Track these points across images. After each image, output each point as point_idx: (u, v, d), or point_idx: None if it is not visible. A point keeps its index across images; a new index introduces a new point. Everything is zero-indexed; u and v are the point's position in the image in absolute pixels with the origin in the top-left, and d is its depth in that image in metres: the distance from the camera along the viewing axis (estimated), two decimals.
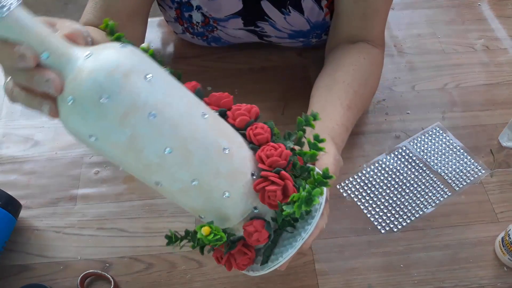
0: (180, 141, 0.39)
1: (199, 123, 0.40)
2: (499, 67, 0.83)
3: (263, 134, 0.45)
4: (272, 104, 0.78)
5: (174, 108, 0.39)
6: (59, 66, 0.36)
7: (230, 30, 0.77)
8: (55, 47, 0.36)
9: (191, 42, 0.84)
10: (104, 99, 0.35)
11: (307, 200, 0.41)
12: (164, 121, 0.38)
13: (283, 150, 0.44)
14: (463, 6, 0.94)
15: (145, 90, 0.37)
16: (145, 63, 0.38)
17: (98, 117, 0.36)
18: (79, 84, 0.36)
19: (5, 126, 0.77)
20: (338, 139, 0.59)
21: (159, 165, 0.40)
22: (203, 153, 0.41)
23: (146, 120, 0.37)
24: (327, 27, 0.76)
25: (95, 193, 0.69)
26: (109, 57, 0.36)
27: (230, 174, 0.43)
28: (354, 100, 0.64)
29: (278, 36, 0.78)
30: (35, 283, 0.60)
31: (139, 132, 0.37)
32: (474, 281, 0.60)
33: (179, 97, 0.40)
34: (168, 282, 0.61)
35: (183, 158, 0.40)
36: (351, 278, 0.61)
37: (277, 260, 0.46)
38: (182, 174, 0.41)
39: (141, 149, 0.38)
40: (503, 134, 0.73)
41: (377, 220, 0.65)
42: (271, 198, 0.43)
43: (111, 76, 0.35)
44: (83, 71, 0.36)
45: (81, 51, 0.37)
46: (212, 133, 0.42)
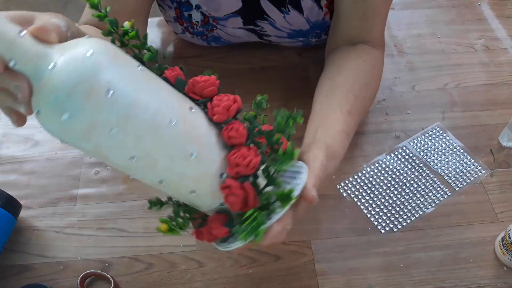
0: (144, 151, 0.40)
1: (165, 133, 0.41)
2: (499, 67, 0.83)
3: (237, 138, 0.44)
4: (272, 104, 0.78)
5: (138, 121, 0.39)
6: (27, 73, 0.37)
7: (230, 29, 0.77)
8: (20, 54, 0.36)
9: (191, 42, 0.84)
10: (65, 117, 0.36)
11: (253, 229, 0.43)
12: (127, 135, 0.39)
13: (252, 159, 0.43)
14: (463, 6, 0.94)
15: (106, 107, 0.37)
16: (110, 75, 0.37)
17: (61, 130, 0.38)
18: (43, 99, 0.37)
19: (5, 126, 0.77)
20: (338, 147, 0.59)
21: (125, 167, 0.41)
22: (168, 160, 0.42)
23: (108, 135, 0.38)
24: (326, 26, 0.76)
25: (95, 193, 0.69)
26: (71, 73, 0.36)
27: (197, 177, 0.44)
28: (355, 105, 0.64)
29: (277, 35, 0.78)
30: (35, 283, 0.60)
31: (102, 144, 0.39)
32: (474, 281, 0.60)
33: (144, 107, 0.39)
34: (168, 282, 0.61)
35: (148, 165, 0.41)
36: (351, 278, 0.61)
37: (228, 246, 0.47)
38: (149, 176, 0.43)
39: (107, 156, 0.40)
40: (503, 134, 0.73)
41: (377, 220, 0.65)
42: (232, 206, 0.44)
43: (71, 96, 0.36)
44: (47, 85, 0.36)
45: (47, 58, 0.37)
46: (179, 140, 0.42)
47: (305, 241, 0.64)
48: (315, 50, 0.83)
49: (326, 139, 0.57)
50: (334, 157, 0.58)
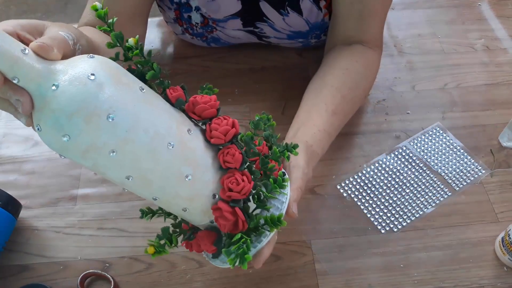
0: (140, 172, 0.41)
1: (162, 156, 0.42)
2: (499, 67, 0.83)
3: (231, 163, 0.45)
4: (272, 104, 0.78)
5: (136, 145, 0.40)
6: (29, 90, 0.37)
7: (229, 31, 0.78)
8: (24, 72, 0.36)
9: (191, 42, 0.84)
10: (65, 139, 0.37)
11: (240, 258, 0.44)
12: (124, 157, 0.39)
13: (245, 185, 0.45)
14: (463, 6, 0.94)
15: (106, 131, 0.38)
16: (111, 99, 0.38)
17: (60, 149, 0.38)
18: (44, 118, 0.37)
19: (5, 126, 0.77)
20: (317, 146, 0.60)
21: (122, 183, 0.42)
22: (163, 181, 0.43)
23: (106, 157, 0.39)
24: (326, 27, 0.76)
25: (95, 193, 0.69)
26: (73, 96, 0.36)
27: (190, 196, 0.45)
28: (341, 105, 0.65)
29: (277, 36, 0.78)
30: (35, 283, 0.60)
31: (100, 164, 0.40)
32: (474, 281, 0.60)
33: (143, 131, 0.40)
34: (168, 282, 0.61)
35: (143, 184, 0.43)
36: (351, 278, 0.61)
37: (222, 263, 0.50)
38: (143, 193, 0.44)
39: (104, 173, 0.41)
40: (503, 134, 0.73)
41: (377, 220, 0.65)
42: (221, 227, 0.46)
43: (72, 120, 0.36)
44: (48, 106, 0.37)
45: (50, 78, 0.37)
46: (175, 163, 0.43)
47: (305, 241, 0.64)
48: (315, 50, 0.83)
49: (307, 139, 0.58)
50: (313, 157, 0.59)
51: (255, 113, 0.77)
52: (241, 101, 0.79)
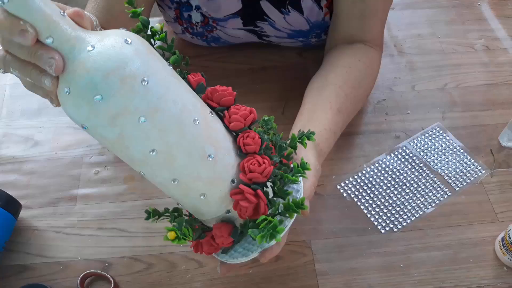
0: (166, 146, 0.41)
1: (188, 130, 0.41)
2: (499, 67, 0.83)
3: (252, 146, 0.45)
4: (272, 104, 0.78)
5: (166, 114, 0.39)
6: (62, 51, 0.37)
7: (230, 30, 0.77)
8: (60, 33, 0.36)
9: (191, 42, 0.84)
10: (97, 98, 0.36)
11: (271, 235, 0.43)
12: (153, 126, 0.39)
13: (266, 167, 0.45)
14: (463, 6, 0.94)
15: (139, 95, 0.37)
16: (146, 64, 0.38)
17: (90, 113, 0.37)
18: (77, 79, 0.36)
19: (5, 126, 0.77)
20: (324, 145, 0.60)
21: (142, 161, 0.41)
22: (187, 158, 0.42)
23: (136, 123, 0.38)
24: (326, 27, 0.76)
25: (95, 193, 0.69)
26: (110, 56, 0.36)
27: (210, 179, 0.45)
28: (344, 104, 0.64)
29: (277, 36, 0.78)
30: (35, 283, 0.60)
31: (127, 133, 0.39)
32: (474, 281, 0.60)
33: (173, 102, 0.40)
34: (168, 282, 0.61)
35: (166, 160, 0.41)
36: (351, 278, 0.60)
37: (231, 259, 0.49)
38: (164, 173, 0.43)
39: (127, 146, 0.40)
40: (503, 134, 0.72)
41: (377, 220, 0.65)
42: (242, 211, 0.45)
43: (108, 79, 0.36)
44: (83, 66, 0.36)
45: (85, 41, 0.37)
46: (199, 139, 0.43)
47: (305, 241, 0.64)
48: (315, 50, 0.83)
49: (315, 137, 0.57)
50: (321, 155, 0.59)
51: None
52: (241, 101, 0.78)
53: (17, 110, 0.79)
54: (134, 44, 0.38)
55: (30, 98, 0.80)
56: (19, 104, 0.80)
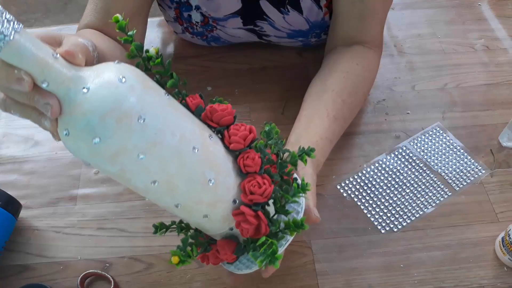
0: (166, 176, 0.41)
1: (188, 159, 0.42)
2: (499, 67, 0.83)
3: (252, 167, 0.46)
4: (272, 104, 0.78)
5: (164, 147, 0.40)
6: (58, 94, 0.37)
7: (230, 30, 0.78)
8: (54, 76, 0.36)
9: (191, 42, 0.84)
10: (96, 141, 0.37)
11: (270, 260, 0.44)
12: (152, 160, 0.40)
13: (266, 188, 0.45)
14: (463, 6, 0.94)
15: (136, 133, 0.38)
16: (142, 101, 0.38)
17: (90, 153, 0.38)
18: (74, 122, 0.37)
19: (5, 126, 0.77)
20: (319, 154, 0.60)
21: (145, 191, 0.43)
22: (188, 185, 0.43)
23: (135, 160, 0.39)
24: (326, 26, 0.76)
25: (95, 193, 0.69)
26: (105, 98, 0.37)
27: (212, 202, 0.45)
28: (341, 111, 0.65)
29: (277, 35, 0.78)
30: (35, 283, 0.60)
31: (127, 168, 0.39)
32: (474, 281, 0.60)
33: (171, 134, 0.40)
34: (168, 282, 0.61)
35: (168, 189, 0.42)
36: (351, 278, 0.61)
37: (236, 270, 0.51)
38: (166, 199, 0.44)
39: (130, 179, 0.41)
40: (503, 134, 0.73)
41: (377, 220, 0.65)
42: (243, 232, 0.46)
43: (104, 121, 0.36)
44: (79, 109, 0.37)
45: (80, 81, 0.37)
46: (199, 166, 0.43)
47: (305, 241, 0.64)
48: (315, 50, 0.83)
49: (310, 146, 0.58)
50: (318, 165, 0.60)
51: (255, 113, 0.77)
52: (241, 101, 0.79)
53: None
54: (128, 81, 0.38)
55: None
56: None
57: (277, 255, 0.44)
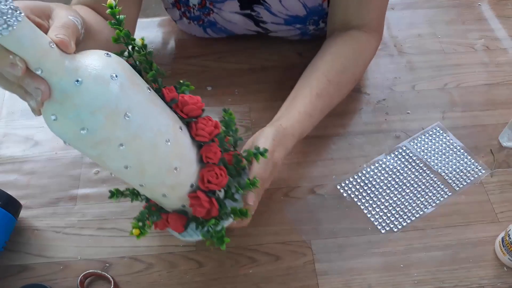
0: (139, 163, 0.45)
1: (160, 150, 0.46)
2: (499, 67, 0.83)
3: (212, 159, 0.52)
4: (272, 104, 0.78)
5: (142, 140, 0.44)
6: (50, 81, 0.38)
7: (226, 14, 0.77)
8: (48, 65, 0.37)
9: (189, 31, 0.84)
10: (83, 132, 0.39)
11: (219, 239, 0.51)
12: (130, 150, 0.43)
13: (222, 180, 0.51)
14: (463, 6, 0.94)
15: (121, 127, 0.41)
16: (129, 99, 0.41)
17: (74, 139, 0.41)
18: (64, 111, 0.39)
19: (5, 126, 0.77)
20: (297, 126, 0.62)
21: (116, 172, 0.47)
22: (155, 171, 0.47)
23: (115, 149, 0.42)
24: (324, 14, 0.76)
25: (95, 193, 0.69)
26: (97, 95, 0.39)
27: (173, 185, 0.50)
28: (326, 89, 0.66)
29: (274, 22, 0.78)
30: (35, 283, 0.60)
31: (106, 154, 0.43)
32: (474, 281, 0.60)
33: (150, 128, 0.44)
34: (168, 282, 0.61)
35: (138, 173, 0.47)
36: (351, 278, 0.60)
37: (180, 236, 0.56)
38: (134, 180, 0.49)
39: (104, 161, 0.45)
40: (503, 134, 0.73)
41: (377, 220, 0.65)
42: (197, 212, 0.52)
43: (94, 116, 0.39)
44: (70, 100, 0.38)
45: (72, 73, 0.38)
46: (169, 157, 0.47)
47: (305, 241, 0.64)
48: (315, 50, 0.83)
49: (282, 121, 0.61)
50: (284, 139, 0.60)
51: (255, 113, 0.77)
52: (241, 101, 0.79)
53: (17, 110, 0.79)
54: (119, 79, 0.40)
55: None
56: (19, 104, 0.80)
57: (225, 239, 0.50)
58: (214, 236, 0.51)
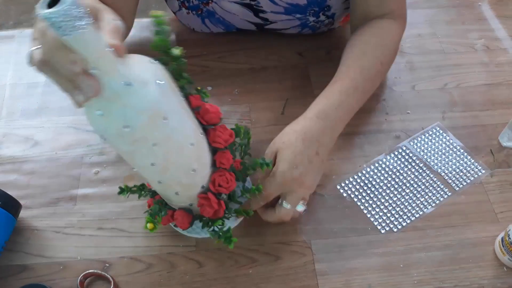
0: (165, 162, 0.50)
1: (185, 152, 0.51)
2: (499, 67, 0.83)
3: (225, 165, 0.57)
4: (272, 104, 0.78)
5: (173, 141, 0.48)
6: (101, 79, 0.41)
7: (226, 4, 0.77)
8: (104, 66, 0.41)
9: (187, 23, 0.84)
10: (126, 129, 0.43)
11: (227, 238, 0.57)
12: (161, 149, 0.47)
13: (231, 185, 0.57)
14: (463, 6, 0.94)
15: (159, 129, 0.45)
16: (169, 104, 0.46)
17: (116, 135, 0.44)
18: (111, 108, 0.43)
19: (5, 126, 0.77)
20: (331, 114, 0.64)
21: (141, 167, 0.51)
22: (176, 171, 0.52)
23: (149, 147, 0.46)
24: (325, 6, 0.76)
25: (95, 193, 0.69)
26: (144, 98, 0.43)
27: (188, 185, 0.55)
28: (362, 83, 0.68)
29: (274, 11, 0.77)
30: (35, 283, 0.60)
31: (139, 151, 0.47)
32: (474, 281, 0.60)
33: (180, 131, 0.49)
34: (168, 282, 0.61)
35: (160, 171, 0.51)
36: (351, 278, 0.61)
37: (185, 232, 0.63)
38: (154, 176, 0.53)
39: (134, 157, 0.49)
40: (503, 134, 0.73)
41: (377, 220, 0.65)
42: (204, 212, 0.57)
43: (139, 116, 0.43)
44: (120, 99, 0.42)
45: (123, 75, 0.42)
46: (190, 158, 0.52)
47: (305, 241, 0.64)
48: (315, 50, 0.83)
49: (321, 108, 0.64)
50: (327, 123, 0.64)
51: (255, 113, 0.77)
52: (241, 101, 0.79)
53: (17, 110, 0.79)
54: (163, 86, 0.45)
55: (30, 98, 0.80)
56: (19, 104, 0.80)
57: (233, 239, 0.56)
58: (222, 236, 0.56)
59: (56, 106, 0.79)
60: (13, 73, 0.84)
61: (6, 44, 0.89)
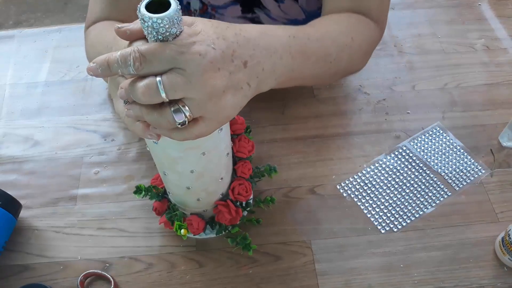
0: (204, 170, 0.51)
1: (222, 161, 0.53)
2: (499, 67, 0.83)
3: (245, 175, 0.60)
4: (272, 104, 0.78)
5: (217, 151, 0.50)
6: None
7: (228, 19, 0.77)
8: None
9: None
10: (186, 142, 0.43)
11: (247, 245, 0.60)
12: (206, 158, 0.49)
13: (249, 194, 0.60)
14: (463, 6, 0.94)
15: (212, 140, 0.47)
16: None
17: (171, 141, 0.43)
18: None
19: (5, 126, 0.77)
20: None
21: (179, 173, 0.52)
22: (209, 178, 0.54)
23: (198, 155, 0.48)
24: None
25: (95, 193, 0.69)
26: None
27: (212, 192, 0.57)
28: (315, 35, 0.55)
29: None
30: (35, 283, 0.60)
31: (186, 157, 0.48)
32: (474, 281, 0.60)
33: (225, 140, 0.51)
34: (168, 282, 0.61)
35: (195, 177, 0.52)
36: (351, 278, 0.61)
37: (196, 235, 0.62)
38: (186, 183, 0.53)
39: (178, 163, 0.50)
40: (503, 134, 0.73)
41: (377, 220, 0.65)
42: (221, 219, 0.59)
43: None
44: None
45: None
46: (223, 167, 0.54)
47: (305, 241, 0.64)
48: None
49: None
50: None
51: (255, 113, 0.77)
52: None
53: (17, 110, 0.79)
54: None
55: (30, 98, 0.80)
56: (19, 104, 0.80)
57: (252, 246, 0.59)
58: (240, 243, 0.60)
59: (56, 106, 0.79)
60: (13, 73, 0.84)
61: (6, 44, 0.89)
